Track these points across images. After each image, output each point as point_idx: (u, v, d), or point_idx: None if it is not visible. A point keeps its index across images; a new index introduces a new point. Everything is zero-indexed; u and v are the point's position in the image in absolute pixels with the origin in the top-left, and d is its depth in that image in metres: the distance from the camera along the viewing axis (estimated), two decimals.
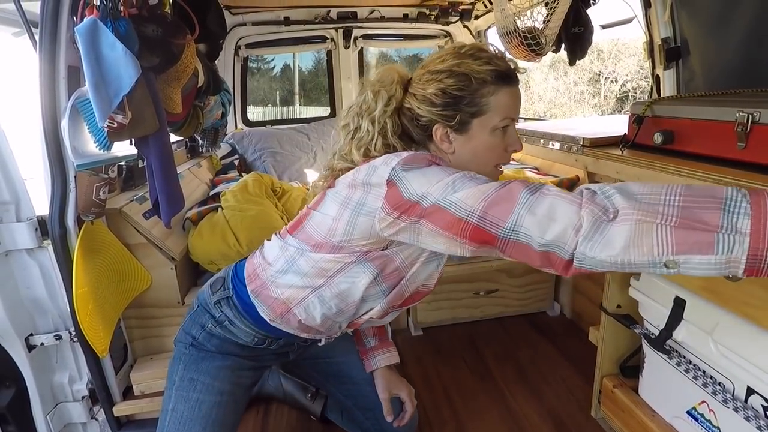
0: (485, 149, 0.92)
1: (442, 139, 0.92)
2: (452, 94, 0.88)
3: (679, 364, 1.10)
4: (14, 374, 1.32)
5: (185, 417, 1.04)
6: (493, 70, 0.88)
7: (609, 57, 12.06)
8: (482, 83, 0.88)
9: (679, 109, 1.08)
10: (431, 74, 0.91)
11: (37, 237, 1.27)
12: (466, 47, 0.91)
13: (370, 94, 0.95)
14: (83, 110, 1.20)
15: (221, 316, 1.07)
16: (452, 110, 0.89)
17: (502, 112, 0.89)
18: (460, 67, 0.88)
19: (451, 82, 0.88)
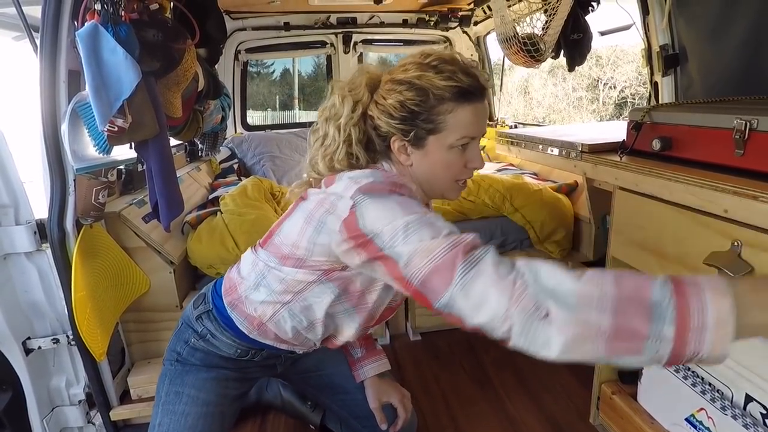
0: (442, 166, 0.90)
1: (399, 152, 0.90)
2: (409, 108, 0.86)
3: (678, 371, 1.10)
4: (11, 378, 1.31)
5: (171, 430, 1.03)
6: (454, 87, 0.84)
7: (607, 63, 12.11)
8: (440, 100, 0.85)
9: (678, 116, 1.09)
10: (393, 83, 0.88)
11: (35, 240, 1.27)
12: (432, 56, 0.87)
13: (338, 98, 0.92)
14: (83, 114, 1.20)
15: (203, 330, 1.06)
16: (408, 125, 0.87)
17: (459, 131, 0.87)
18: (421, 80, 0.85)
19: (409, 96, 0.85)
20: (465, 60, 0.88)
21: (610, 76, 12.14)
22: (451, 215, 1.98)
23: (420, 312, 2.01)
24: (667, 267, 1.06)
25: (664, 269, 1.07)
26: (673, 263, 1.04)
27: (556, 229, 1.97)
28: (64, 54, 1.19)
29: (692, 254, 0.98)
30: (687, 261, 1.00)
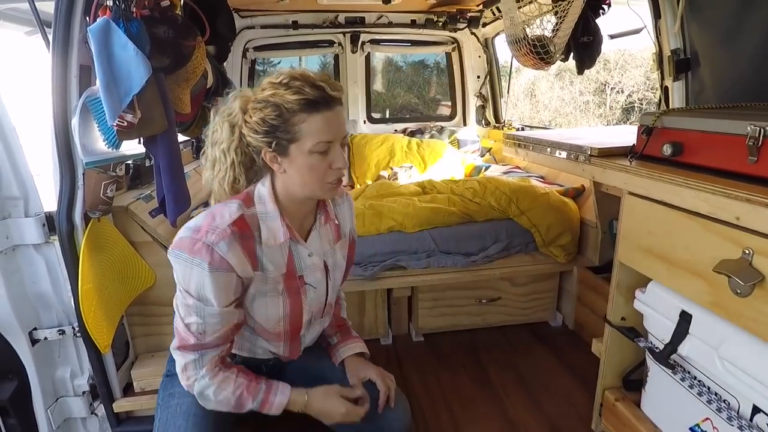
0: (308, 170, 0.99)
1: (272, 162, 1.00)
2: (269, 123, 0.95)
3: (684, 380, 1.10)
4: (17, 368, 1.32)
5: (169, 418, 1.11)
6: (302, 99, 0.94)
7: (615, 67, 12.05)
8: (293, 112, 0.94)
9: (689, 121, 1.08)
10: (255, 103, 0.97)
11: (44, 232, 1.28)
12: (283, 76, 0.96)
13: (219, 124, 1.02)
14: (93, 109, 1.21)
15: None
16: (271, 137, 0.96)
17: (314, 137, 0.96)
18: (274, 97, 0.95)
19: (268, 112, 0.95)
20: (314, 75, 0.97)
21: (618, 81, 12.08)
22: (457, 217, 1.98)
23: (423, 313, 2.01)
24: (675, 273, 1.05)
25: (672, 275, 1.06)
26: (682, 269, 1.03)
27: (562, 233, 1.96)
28: (76, 49, 1.20)
29: (702, 261, 0.97)
30: (696, 268, 0.99)
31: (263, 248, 1.03)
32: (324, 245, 1.15)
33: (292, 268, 1.08)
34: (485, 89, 3.43)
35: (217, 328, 1.00)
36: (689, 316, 1.05)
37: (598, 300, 1.85)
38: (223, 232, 0.95)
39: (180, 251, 0.96)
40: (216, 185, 1.06)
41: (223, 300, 0.98)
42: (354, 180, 3.16)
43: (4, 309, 1.26)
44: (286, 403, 1.10)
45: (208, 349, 1.01)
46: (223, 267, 0.96)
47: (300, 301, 1.11)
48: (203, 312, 0.98)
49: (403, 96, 4.63)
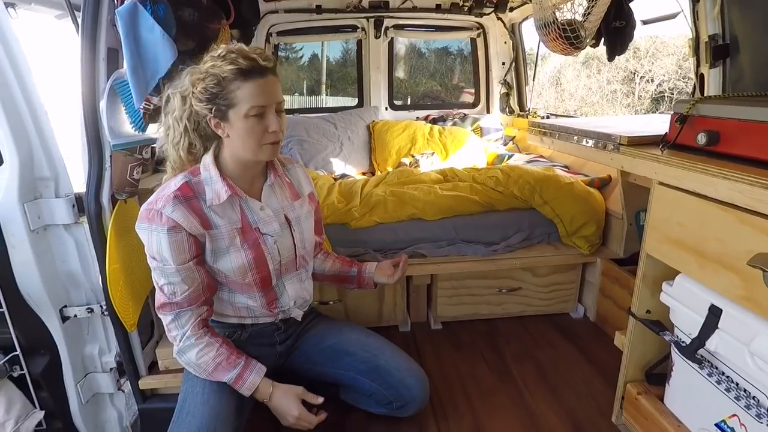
0: (245, 132, 1.10)
1: (216, 127, 1.12)
2: (210, 91, 1.07)
3: (711, 375, 1.07)
4: (49, 344, 1.37)
5: (188, 387, 1.24)
6: (237, 69, 1.05)
7: (646, 55, 11.66)
8: (229, 81, 1.06)
9: (727, 109, 1.03)
10: (198, 74, 1.09)
11: (73, 213, 1.31)
12: (221, 50, 1.08)
13: (172, 95, 1.13)
14: (121, 91, 1.23)
15: None
16: (212, 104, 1.08)
17: (248, 101, 1.07)
18: (213, 68, 1.06)
19: (208, 81, 1.07)
20: (248, 48, 1.09)
21: (648, 69, 11.70)
22: (479, 205, 1.96)
23: (442, 301, 2.00)
24: (706, 266, 1.02)
25: (702, 268, 1.03)
26: (713, 262, 1.00)
27: (586, 224, 1.93)
28: (104, 32, 1.21)
29: (735, 254, 0.93)
30: (728, 261, 0.96)
31: (211, 208, 1.16)
32: (282, 201, 1.29)
33: (246, 222, 1.22)
34: (510, 76, 3.36)
35: (184, 288, 1.15)
36: (719, 311, 1.01)
37: (621, 292, 1.81)
38: (168, 197, 1.11)
39: (141, 222, 1.13)
40: (172, 151, 1.18)
41: (178, 257, 1.13)
42: (375, 166, 3.15)
43: (36, 286, 1.30)
44: (258, 383, 1.22)
45: (181, 309, 1.17)
46: (172, 226, 1.10)
47: (261, 250, 1.23)
48: (165, 271, 1.14)
49: (426, 83, 4.58)
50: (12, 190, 1.22)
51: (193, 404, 1.19)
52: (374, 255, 1.87)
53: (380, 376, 1.37)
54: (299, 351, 1.44)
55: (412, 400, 1.38)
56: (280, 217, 1.27)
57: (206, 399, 1.19)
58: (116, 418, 1.56)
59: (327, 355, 1.42)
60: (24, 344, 1.35)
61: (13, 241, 1.25)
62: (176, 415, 1.20)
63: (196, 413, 1.17)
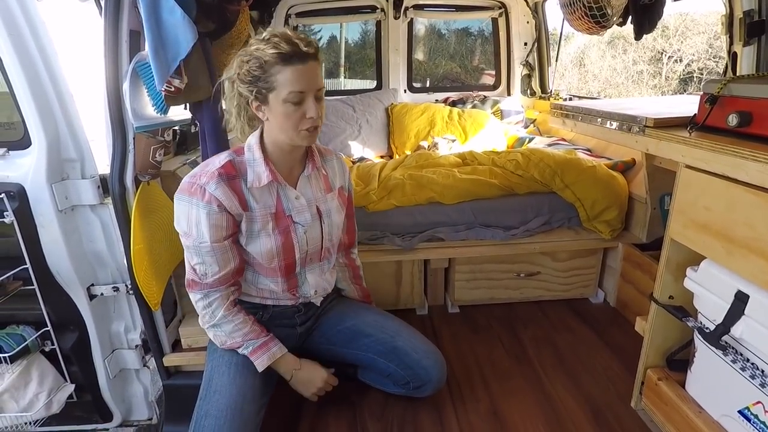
0: (283, 117, 1.11)
1: (257, 110, 1.14)
2: (253, 74, 1.08)
3: (735, 362, 1.05)
4: (77, 320, 1.43)
5: (214, 366, 1.27)
6: (278, 53, 1.05)
7: (675, 34, 11.23)
8: (271, 65, 1.07)
9: (762, 89, 0.98)
10: (240, 57, 1.10)
11: (99, 194, 1.35)
12: (266, 33, 1.09)
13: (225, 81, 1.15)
14: (143, 74, 1.24)
15: None
16: (254, 86, 1.10)
17: (287, 87, 1.08)
18: (257, 51, 1.07)
19: (251, 64, 1.08)
20: (292, 33, 1.09)
21: (677, 48, 11.27)
22: (498, 189, 1.94)
23: (459, 285, 2.00)
24: (733, 251, 0.99)
25: (729, 254, 1.00)
26: (741, 248, 0.97)
27: (608, 208, 1.89)
28: (126, 14, 1.22)
29: (765, 239, 0.91)
30: (758, 246, 0.93)
31: (250, 190, 1.18)
32: (315, 192, 1.30)
33: (280, 209, 1.23)
34: (532, 57, 3.28)
35: (215, 270, 1.18)
36: (746, 297, 0.99)
37: (643, 278, 1.78)
38: (212, 174, 1.13)
39: (182, 194, 1.14)
40: (239, 131, 1.20)
41: (215, 234, 1.14)
42: (393, 150, 3.13)
43: (65, 265, 1.35)
44: (280, 356, 1.30)
45: (211, 289, 1.20)
46: (214, 203, 1.12)
47: (290, 238, 1.25)
48: (200, 250, 1.16)
49: (445, 65, 4.50)
50: (40, 171, 1.26)
51: (220, 383, 1.22)
52: (392, 238, 1.88)
53: (398, 356, 1.39)
54: (318, 332, 1.47)
55: (429, 380, 1.40)
56: (312, 208, 1.29)
57: (233, 378, 1.22)
58: (142, 393, 1.61)
59: (345, 336, 1.44)
60: (54, 320, 1.41)
61: (43, 220, 1.29)
62: (203, 391, 1.23)
63: (224, 392, 1.20)
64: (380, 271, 1.92)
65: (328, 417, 1.46)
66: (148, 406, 1.62)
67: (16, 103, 1.22)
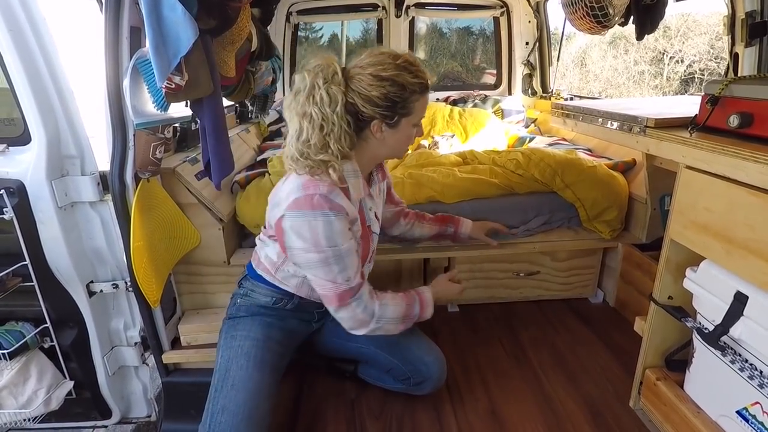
0: (405, 138, 1.21)
1: (376, 130, 1.16)
2: (392, 99, 1.11)
3: (734, 362, 1.05)
4: (77, 317, 1.43)
5: (231, 357, 1.26)
6: (420, 83, 1.14)
7: (676, 35, 11.22)
8: (412, 92, 1.13)
9: (764, 90, 0.98)
10: (374, 78, 1.10)
11: (98, 191, 1.35)
12: (401, 59, 1.12)
13: (330, 89, 1.08)
14: (143, 70, 1.24)
15: (244, 289, 1.37)
16: (390, 111, 1.13)
17: (419, 113, 1.18)
18: (399, 78, 1.11)
19: (392, 90, 1.11)
20: (419, 61, 1.17)
21: (678, 49, 11.27)
22: (498, 188, 1.94)
23: None
24: (733, 252, 0.99)
25: (729, 254, 1.00)
26: (741, 248, 0.97)
27: (608, 209, 1.89)
28: (127, 10, 1.22)
29: (765, 240, 0.90)
30: (757, 247, 0.93)
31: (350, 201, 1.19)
32: (377, 201, 1.36)
33: (363, 219, 1.27)
34: (533, 57, 3.27)
35: (353, 268, 1.17)
36: (745, 298, 0.99)
37: (643, 278, 1.78)
38: (331, 184, 1.12)
39: (300, 211, 1.10)
40: (333, 144, 1.10)
41: (347, 234, 1.15)
42: None
43: (64, 262, 1.35)
44: (431, 297, 1.34)
45: (360, 287, 1.19)
46: (341, 211, 1.12)
47: (369, 246, 1.32)
48: (339, 255, 1.13)
49: (446, 64, 4.50)
50: (40, 167, 1.26)
51: (237, 377, 1.21)
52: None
53: (400, 351, 1.41)
54: (326, 326, 1.48)
55: (429, 377, 1.40)
56: (378, 217, 1.37)
57: (250, 374, 1.21)
58: (141, 390, 1.62)
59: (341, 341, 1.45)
60: (53, 317, 1.41)
61: (42, 217, 1.29)
62: (219, 383, 1.21)
63: (240, 387, 1.19)
64: (380, 270, 1.92)
65: (327, 414, 1.47)
66: (147, 404, 1.63)
67: (16, 99, 1.22)
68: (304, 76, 1.09)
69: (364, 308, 1.19)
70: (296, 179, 1.13)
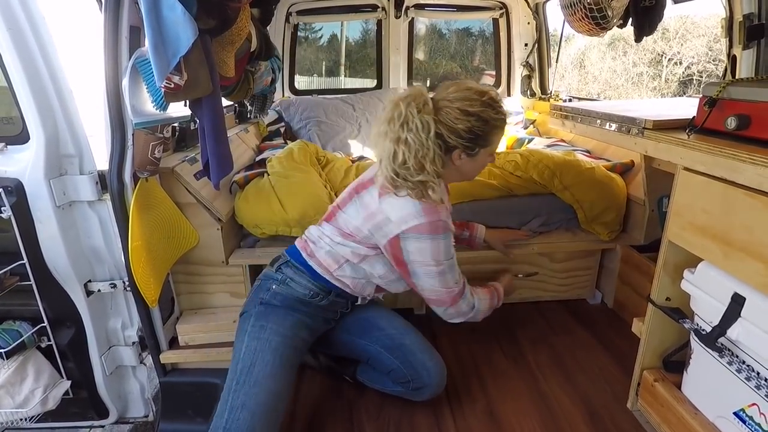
0: (480, 166, 1.33)
1: (456, 158, 1.25)
2: (476, 132, 1.21)
3: (731, 364, 1.05)
4: (74, 316, 1.42)
5: (258, 349, 1.25)
6: (501, 119, 1.24)
7: (675, 36, 11.25)
8: (494, 127, 1.23)
9: (760, 92, 0.99)
10: (461, 113, 1.19)
11: (97, 190, 1.34)
12: (486, 96, 1.21)
13: (424, 118, 1.16)
14: (143, 70, 1.24)
15: (283, 276, 1.36)
16: (472, 143, 1.22)
17: (496, 144, 1.29)
18: (484, 114, 1.20)
19: (477, 125, 1.20)
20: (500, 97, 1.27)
21: (677, 51, 11.30)
22: (497, 190, 1.94)
23: None
24: (730, 254, 0.99)
25: (726, 256, 1.01)
26: (738, 250, 0.97)
27: (606, 210, 1.89)
28: (126, 9, 1.22)
29: (762, 242, 0.91)
30: (755, 249, 0.93)
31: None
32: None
33: None
34: (532, 58, 3.27)
35: (458, 270, 1.35)
36: (742, 299, 0.99)
37: (641, 279, 1.78)
38: (443, 207, 1.26)
39: (424, 234, 1.22)
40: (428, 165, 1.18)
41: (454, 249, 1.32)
42: None
43: (62, 261, 1.35)
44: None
45: (464, 287, 1.38)
46: (452, 230, 1.29)
47: None
48: (452, 265, 1.31)
49: (446, 65, 4.50)
50: (38, 166, 1.26)
51: (261, 374, 1.20)
52: None
53: (403, 354, 1.42)
54: (340, 322, 1.49)
55: (430, 383, 1.41)
56: None
57: (274, 372, 1.21)
58: (138, 390, 1.61)
59: (361, 326, 1.48)
60: (51, 316, 1.40)
61: (40, 216, 1.29)
62: (241, 376, 1.20)
63: (264, 385, 1.19)
64: None
65: (325, 416, 1.47)
66: (145, 404, 1.62)
67: (15, 98, 1.21)
68: (398, 104, 1.17)
69: (467, 303, 1.38)
70: (409, 204, 1.21)
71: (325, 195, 1.77)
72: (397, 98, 1.20)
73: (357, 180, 1.39)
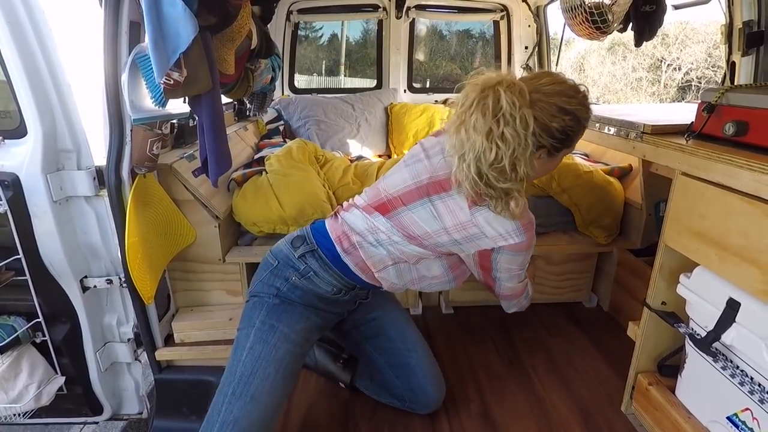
0: (553, 165, 1.21)
1: (539, 157, 1.11)
2: (567, 132, 1.08)
3: (725, 368, 1.06)
4: (69, 312, 1.42)
5: (262, 356, 1.16)
6: (589, 118, 1.12)
7: (674, 42, 11.29)
8: (583, 128, 1.12)
9: (758, 99, 0.99)
10: (559, 110, 1.05)
11: (94, 186, 1.34)
12: (581, 94, 1.09)
13: (525, 112, 0.99)
14: (142, 66, 1.23)
15: (306, 267, 1.23)
16: (561, 143, 1.10)
17: (574, 147, 1.17)
18: (579, 113, 1.08)
19: (571, 124, 1.07)
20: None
21: (676, 57, 11.34)
22: None
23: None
24: (726, 259, 1.00)
25: (722, 261, 1.01)
26: (734, 255, 0.98)
27: (604, 214, 1.89)
28: (127, 5, 1.21)
29: (758, 248, 0.91)
30: (750, 255, 0.94)
31: None
32: None
33: None
34: (532, 61, 3.28)
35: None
36: (737, 304, 1.00)
37: (637, 283, 1.79)
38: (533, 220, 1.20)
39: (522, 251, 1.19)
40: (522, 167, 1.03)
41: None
42: (392, 149, 3.13)
43: (58, 256, 1.34)
44: None
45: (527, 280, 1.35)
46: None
47: None
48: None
49: (446, 66, 4.51)
50: (35, 161, 1.25)
51: (260, 389, 1.12)
52: None
53: (405, 375, 1.40)
54: (351, 316, 1.43)
55: (426, 405, 1.42)
56: None
57: (274, 387, 1.14)
58: (133, 386, 1.61)
59: (372, 329, 1.43)
60: (46, 312, 1.40)
61: (37, 211, 1.28)
62: (238, 386, 1.12)
63: (261, 401, 1.12)
64: None
65: (319, 415, 1.46)
66: (139, 400, 1.62)
67: (13, 92, 1.21)
68: (492, 90, 0.98)
69: (527, 294, 1.37)
70: (506, 222, 1.12)
71: (324, 194, 1.77)
72: (485, 82, 1.00)
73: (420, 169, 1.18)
